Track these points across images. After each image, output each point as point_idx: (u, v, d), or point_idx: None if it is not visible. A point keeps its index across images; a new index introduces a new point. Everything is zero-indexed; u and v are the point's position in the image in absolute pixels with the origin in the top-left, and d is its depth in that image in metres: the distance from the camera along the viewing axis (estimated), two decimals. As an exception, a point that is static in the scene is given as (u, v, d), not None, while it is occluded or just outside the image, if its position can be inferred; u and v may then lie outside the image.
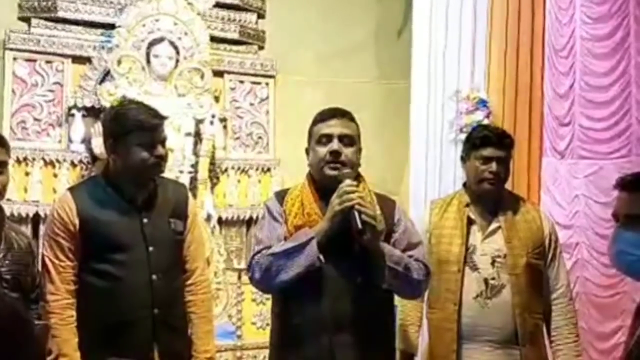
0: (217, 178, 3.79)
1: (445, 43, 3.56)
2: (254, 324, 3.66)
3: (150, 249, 1.92)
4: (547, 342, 2.19)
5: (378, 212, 1.81)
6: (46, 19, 3.61)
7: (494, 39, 3.53)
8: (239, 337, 3.46)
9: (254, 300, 3.64)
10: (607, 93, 3.10)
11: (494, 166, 2.08)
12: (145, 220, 1.93)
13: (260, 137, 3.99)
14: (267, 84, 4.03)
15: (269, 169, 3.91)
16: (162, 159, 1.92)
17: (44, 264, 1.92)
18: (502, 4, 3.51)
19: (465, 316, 2.08)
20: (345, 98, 3.76)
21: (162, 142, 1.92)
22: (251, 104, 3.99)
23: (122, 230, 1.90)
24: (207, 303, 2.07)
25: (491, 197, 2.14)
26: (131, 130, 1.86)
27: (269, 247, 1.79)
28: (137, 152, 1.87)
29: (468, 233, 2.12)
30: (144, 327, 1.88)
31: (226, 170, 3.81)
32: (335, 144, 1.79)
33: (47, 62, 3.58)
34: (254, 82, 3.99)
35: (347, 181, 1.77)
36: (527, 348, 2.06)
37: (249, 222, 3.84)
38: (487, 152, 2.08)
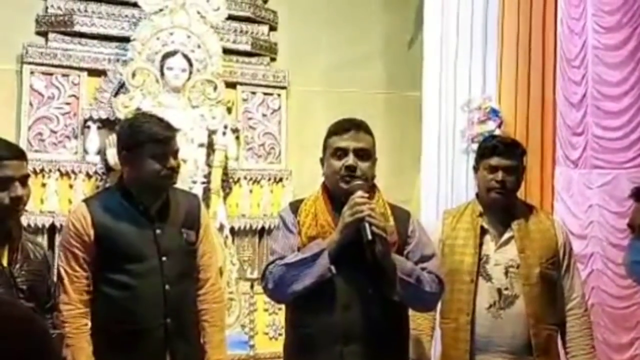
0: (230, 188, 3.82)
1: (457, 53, 3.57)
2: (266, 334, 3.67)
3: (164, 259, 1.94)
4: (562, 353, 2.17)
5: (390, 223, 1.81)
6: (63, 33, 3.69)
7: (505, 48, 3.53)
8: (252, 347, 3.47)
9: (266, 310, 3.65)
10: (620, 103, 3.08)
11: (500, 175, 2.08)
12: (158, 231, 1.95)
13: (272, 148, 4.02)
14: (279, 95, 4.07)
15: (280, 179, 3.93)
16: (174, 170, 1.95)
17: (58, 274, 1.95)
18: (513, 13, 3.52)
19: (478, 326, 2.07)
20: (356, 109, 3.76)
21: (175, 154, 1.95)
22: (263, 115, 4.03)
23: (135, 240, 1.93)
24: (219, 312, 2.09)
25: (502, 206, 2.14)
26: (144, 143, 1.90)
27: (283, 258, 1.80)
28: (150, 164, 1.90)
29: (481, 243, 2.12)
30: (157, 336, 1.90)
31: (238, 180, 3.84)
32: (350, 159, 1.79)
33: (64, 75, 3.65)
34: (266, 93, 4.04)
35: (359, 192, 1.77)
36: (541, 359, 2.05)
37: (262, 232, 3.86)
38: (494, 161, 2.09)
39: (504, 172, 2.08)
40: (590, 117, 3.25)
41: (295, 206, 1.89)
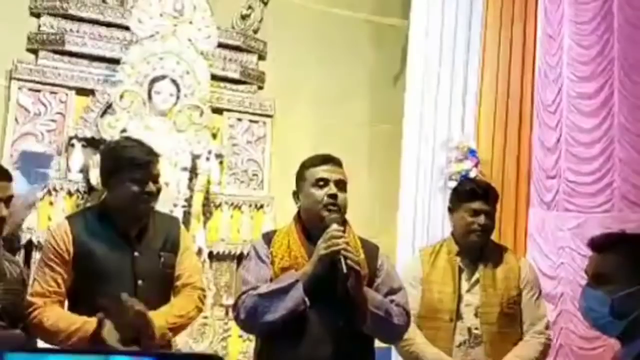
0: (211, 213, 3.84)
1: (437, 92, 3.69)
2: (239, 361, 3.65)
3: (139, 282, 1.95)
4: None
5: (362, 256, 1.86)
6: (54, 51, 3.72)
7: (484, 91, 3.65)
8: (223, 373, 3.45)
9: (240, 336, 3.64)
10: (592, 149, 3.21)
11: (482, 219, 2.16)
12: (136, 254, 1.97)
13: (255, 174, 4.07)
14: (264, 123, 4.13)
15: (262, 206, 3.96)
16: (153, 194, 1.97)
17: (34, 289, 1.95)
18: (493, 57, 3.65)
19: None
20: (340, 140, 3.87)
21: (155, 178, 1.98)
22: (248, 142, 4.08)
23: (112, 262, 1.94)
24: (187, 301, 1.99)
25: (477, 247, 2.21)
26: (124, 167, 1.93)
27: (255, 288, 1.83)
28: (129, 187, 1.93)
29: (459, 282, 2.18)
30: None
31: (220, 205, 3.86)
32: (333, 188, 1.84)
33: (52, 92, 3.68)
34: (252, 121, 4.09)
35: (334, 226, 1.81)
36: None
37: (240, 258, 3.86)
38: (476, 205, 2.16)
39: (485, 216, 2.16)
40: (563, 162, 3.37)
41: (268, 237, 1.93)
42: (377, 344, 1.94)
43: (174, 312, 1.97)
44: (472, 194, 2.18)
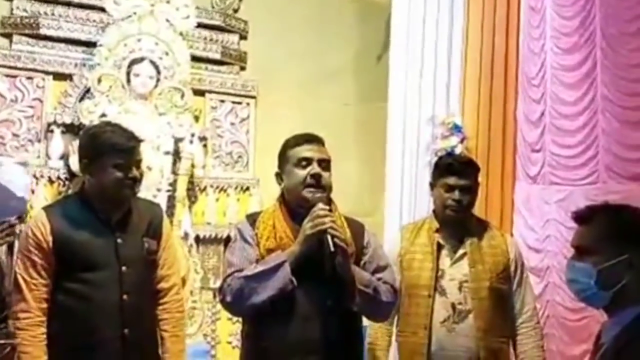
0: (196, 196, 3.81)
1: (422, 69, 3.66)
2: (229, 342, 3.65)
3: (123, 268, 1.93)
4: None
5: (348, 235, 1.85)
6: (28, 35, 3.63)
7: (468, 66, 3.63)
8: (214, 356, 3.45)
9: (230, 319, 3.64)
10: (576, 121, 3.20)
11: (456, 194, 2.15)
12: (119, 240, 1.95)
13: (240, 156, 4.03)
14: (248, 104, 4.08)
15: (247, 188, 3.94)
16: (136, 180, 1.95)
17: (16, 282, 1.92)
18: (477, 31, 3.62)
19: (434, 340, 2.12)
20: (324, 120, 3.83)
21: (137, 163, 1.95)
22: (232, 124, 4.03)
23: (95, 249, 1.92)
24: (180, 322, 2.08)
25: (458, 223, 2.20)
26: (105, 152, 1.89)
27: (241, 270, 1.81)
28: (112, 173, 1.90)
29: (438, 258, 2.17)
30: (113, 347, 1.89)
31: (205, 188, 3.83)
32: (316, 167, 1.82)
33: (28, 78, 3.59)
34: (235, 102, 4.04)
35: (320, 205, 1.80)
36: None
37: (227, 241, 3.81)
38: (451, 180, 2.15)
39: (460, 192, 2.15)
40: (548, 135, 3.36)
41: (252, 218, 1.91)
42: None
43: (175, 349, 2.04)
44: (447, 169, 2.17)
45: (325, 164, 1.85)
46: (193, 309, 3.51)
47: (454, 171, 2.15)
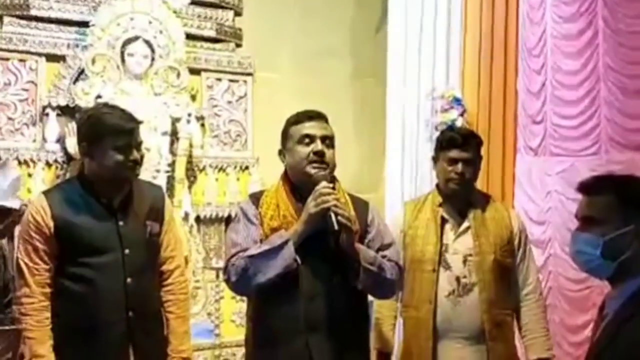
0: (195, 177, 3.78)
1: (420, 42, 3.60)
2: (233, 321, 3.67)
3: (126, 251, 1.92)
4: (518, 336, 2.25)
5: (352, 213, 1.83)
6: (18, 16, 3.55)
7: (468, 38, 3.58)
8: (218, 335, 3.47)
9: (233, 297, 3.65)
10: (577, 91, 3.17)
11: (459, 167, 2.13)
12: (121, 223, 1.93)
13: (238, 135, 3.99)
14: (245, 81, 4.02)
15: (247, 167, 3.90)
16: (138, 162, 1.93)
17: (18, 267, 1.92)
18: (475, 3, 3.56)
19: (439, 314, 2.13)
20: (323, 96, 3.79)
21: (137, 145, 1.93)
22: (229, 102, 3.98)
23: (97, 233, 1.90)
24: (185, 303, 2.09)
25: (461, 196, 2.19)
26: (106, 135, 1.87)
27: (245, 250, 1.80)
28: (112, 155, 1.87)
29: (442, 232, 2.17)
30: (118, 330, 1.89)
31: (204, 168, 3.80)
32: (319, 144, 1.80)
33: (21, 60, 3.53)
34: (231, 80, 3.98)
35: (323, 183, 1.78)
36: (494, 343, 2.12)
37: (228, 220, 3.83)
38: (453, 153, 2.14)
39: (463, 164, 2.13)
40: (549, 106, 3.34)
41: (255, 197, 1.89)
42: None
43: (180, 330, 2.03)
44: (449, 143, 2.15)
45: (328, 140, 1.83)
46: (196, 289, 3.52)
47: (456, 144, 2.13)
